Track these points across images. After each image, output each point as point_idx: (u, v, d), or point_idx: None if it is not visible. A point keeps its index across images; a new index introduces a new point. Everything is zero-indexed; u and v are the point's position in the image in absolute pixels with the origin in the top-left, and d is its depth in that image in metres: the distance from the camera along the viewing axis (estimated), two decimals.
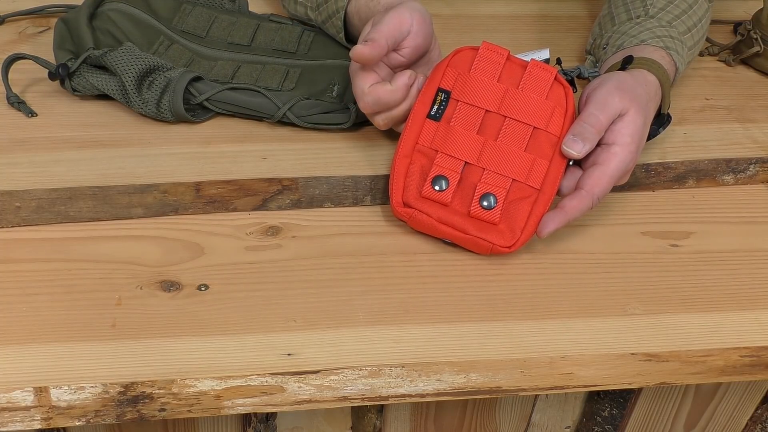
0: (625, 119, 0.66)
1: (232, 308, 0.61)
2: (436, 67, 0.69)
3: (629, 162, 0.66)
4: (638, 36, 0.75)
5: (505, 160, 0.66)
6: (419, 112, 0.67)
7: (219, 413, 0.58)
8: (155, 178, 0.69)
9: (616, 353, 0.60)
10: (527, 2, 0.97)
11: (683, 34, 0.77)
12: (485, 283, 0.65)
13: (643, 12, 0.77)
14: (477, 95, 0.67)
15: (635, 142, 0.66)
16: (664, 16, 0.77)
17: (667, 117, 0.74)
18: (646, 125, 0.68)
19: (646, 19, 0.76)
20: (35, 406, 0.56)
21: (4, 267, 0.63)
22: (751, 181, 0.76)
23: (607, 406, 0.79)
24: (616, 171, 0.65)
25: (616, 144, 0.65)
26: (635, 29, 0.76)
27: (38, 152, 0.71)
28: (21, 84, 0.78)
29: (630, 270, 0.67)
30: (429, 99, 0.68)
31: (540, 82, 0.67)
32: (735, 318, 0.64)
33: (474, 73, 0.67)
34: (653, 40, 0.74)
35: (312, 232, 0.68)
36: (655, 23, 0.76)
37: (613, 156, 0.65)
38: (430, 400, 0.61)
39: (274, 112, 0.74)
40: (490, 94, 0.67)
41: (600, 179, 0.65)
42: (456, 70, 0.68)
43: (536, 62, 0.67)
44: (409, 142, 0.67)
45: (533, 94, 0.66)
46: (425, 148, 0.67)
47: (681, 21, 0.77)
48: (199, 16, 0.83)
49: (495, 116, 0.67)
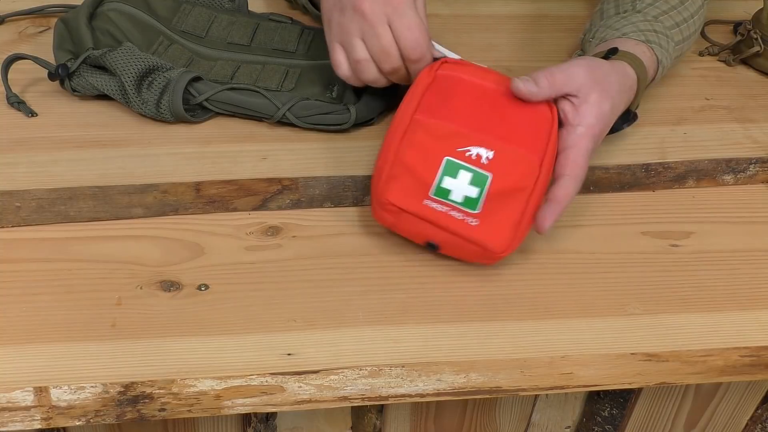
0: (590, 101, 0.65)
1: (232, 308, 0.61)
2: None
3: (596, 143, 0.65)
4: (621, 29, 0.74)
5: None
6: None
7: (219, 413, 0.58)
8: (155, 178, 0.69)
9: (616, 353, 0.60)
10: (526, 2, 0.97)
11: (671, 28, 0.76)
12: (485, 283, 0.65)
13: (631, 7, 0.78)
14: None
15: (600, 125, 0.65)
16: (651, 11, 0.77)
17: (633, 115, 0.73)
18: (612, 113, 0.67)
19: (632, 14, 0.76)
20: (35, 406, 0.56)
21: (4, 267, 0.63)
22: (751, 181, 0.76)
23: (607, 406, 0.79)
24: (586, 151, 0.64)
25: (580, 125, 0.64)
26: (620, 23, 0.76)
27: (38, 152, 0.71)
28: (21, 84, 0.78)
29: (630, 270, 0.67)
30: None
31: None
32: (735, 318, 0.64)
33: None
34: (635, 34, 0.74)
35: (312, 232, 0.68)
36: (641, 17, 0.76)
37: (579, 138, 0.64)
38: (430, 400, 0.61)
39: (273, 112, 0.74)
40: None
41: (574, 162, 0.64)
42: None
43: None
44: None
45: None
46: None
47: (669, 16, 0.77)
48: (198, 16, 0.83)
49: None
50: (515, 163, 0.63)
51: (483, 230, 0.62)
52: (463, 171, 0.63)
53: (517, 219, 0.63)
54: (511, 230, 0.62)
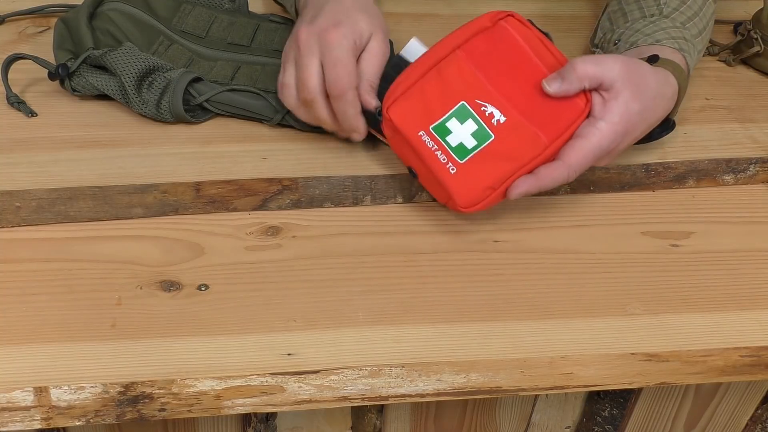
0: (620, 99, 0.64)
1: (232, 308, 0.61)
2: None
3: (612, 142, 0.65)
4: (653, 35, 0.73)
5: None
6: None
7: (219, 413, 0.58)
8: (155, 178, 0.69)
9: (616, 353, 0.60)
10: (528, 2, 0.97)
11: (695, 36, 0.75)
12: (485, 283, 0.65)
13: (657, 11, 0.76)
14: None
15: (623, 123, 0.64)
16: (678, 16, 0.75)
17: (672, 123, 0.73)
18: (642, 117, 0.66)
19: (660, 19, 0.75)
20: (35, 406, 0.56)
21: (4, 267, 0.63)
22: (751, 181, 0.76)
23: (607, 406, 0.79)
24: (596, 147, 0.64)
25: (603, 120, 0.64)
26: (650, 28, 0.74)
27: (38, 152, 0.71)
28: (21, 84, 0.78)
29: (630, 270, 0.67)
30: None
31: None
32: (735, 318, 0.63)
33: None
34: (669, 41, 0.72)
35: (312, 232, 0.68)
36: (669, 23, 0.74)
37: (596, 131, 0.64)
38: (430, 400, 0.61)
39: (273, 115, 0.74)
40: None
41: (578, 152, 0.64)
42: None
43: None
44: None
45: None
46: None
47: (693, 23, 0.76)
48: (198, 16, 0.83)
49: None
50: (522, 136, 0.64)
51: (457, 180, 0.64)
52: (472, 121, 0.65)
53: (492, 183, 0.64)
54: (483, 191, 0.64)
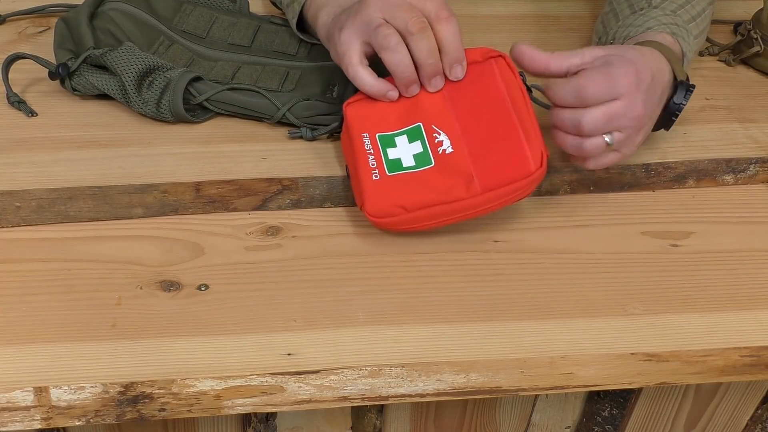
0: (613, 62, 0.65)
1: (232, 308, 0.61)
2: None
3: (631, 84, 0.64)
4: (643, 24, 0.74)
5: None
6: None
7: (219, 413, 0.58)
8: (155, 178, 0.69)
9: (616, 353, 0.60)
10: (527, 2, 0.97)
11: (688, 23, 0.76)
12: (485, 283, 0.65)
13: (646, 4, 0.77)
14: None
15: (632, 64, 0.64)
16: (668, 5, 0.76)
17: (688, 85, 0.70)
18: (641, 62, 0.66)
19: (650, 10, 0.76)
20: (35, 406, 0.56)
21: (4, 267, 0.63)
22: (751, 181, 0.76)
23: (607, 406, 0.79)
24: (606, 74, 0.63)
25: (612, 64, 0.64)
26: (640, 20, 0.75)
27: (38, 152, 0.71)
28: (21, 84, 0.78)
29: (630, 270, 0.67)
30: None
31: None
32: (735, 318, 0.63)
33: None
34: (659, 27, 0.73)
35: (312, 232, 0.68)
36: (659, 12, 0.76)
37: (619, 60, 0.64)
38: (430, 400, 0.61)
39: (273, 113, 0.74)
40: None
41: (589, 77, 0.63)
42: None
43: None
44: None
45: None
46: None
47: (684, 10, 0.77)
48: (199, 17, 0.83)
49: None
50: (459, 174, 0.63)
51: (374, 188, 0.65)
52: (419, 143, 0.65)
53: (407, 205, 0.64)
54: (394, 207, 0.64)
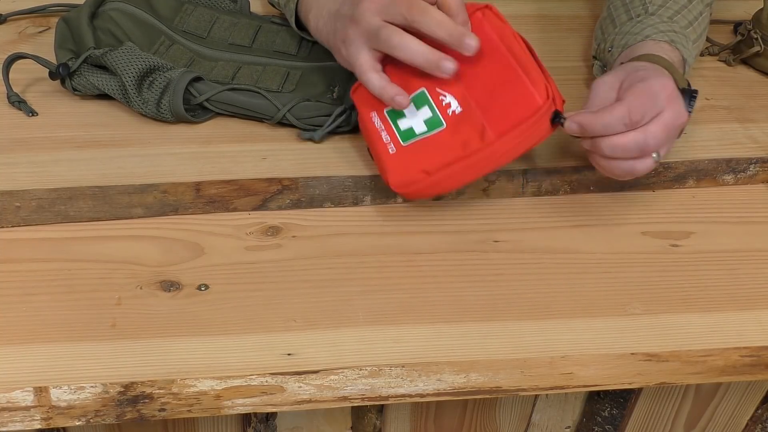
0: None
1: (232, 308, 0.61)
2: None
3: (658, 94, 0.64)
4: (641, 33, 0.74)
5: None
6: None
7: (219, 413, 0.58)
8: (155, 178, 0.69)
9: (616, 353, 0.60)
10: (527, 2, 0.97)
11: (685, 28, 0.76)
12: (485, 283, 0.65)
13: (643, 10, 0.77)
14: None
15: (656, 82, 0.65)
16: (664, 12, 0.77)
17: (690, 91, 0.70)
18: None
19: (647, 17, 0.76)
20: (35, 406, 0.56)
21: (4, 267, 0.63)
22: (751, 181, 0.76)
23: (607, 406, 0.79)
24: (651, 87, 0.63)
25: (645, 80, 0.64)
26: (637, 27, 0.75)
27: (38, 152, 0.71)
28: (21, 83, 0.78)
29: (630, 270, 0.67)
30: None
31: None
32: (735, 318, 0.63)
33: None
34: (657, 35, 0.73)
35: (312, 232, 0.68)
36: (657, 19, 0.76)
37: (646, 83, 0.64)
38: (430, 400, 0.61)
39: (273, 113, 0.74)
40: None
41: (640, 94, 0.63)
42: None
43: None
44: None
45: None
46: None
47: (682, 16, 0.77)
48: (200, 17, 0.83)
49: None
50: (472, 130, 0.64)
51: (393, 160, 0.65)
52: (427, 108, 0.65)
53: (428, 168, 0.64)
54: (415, 174, 0.64)
